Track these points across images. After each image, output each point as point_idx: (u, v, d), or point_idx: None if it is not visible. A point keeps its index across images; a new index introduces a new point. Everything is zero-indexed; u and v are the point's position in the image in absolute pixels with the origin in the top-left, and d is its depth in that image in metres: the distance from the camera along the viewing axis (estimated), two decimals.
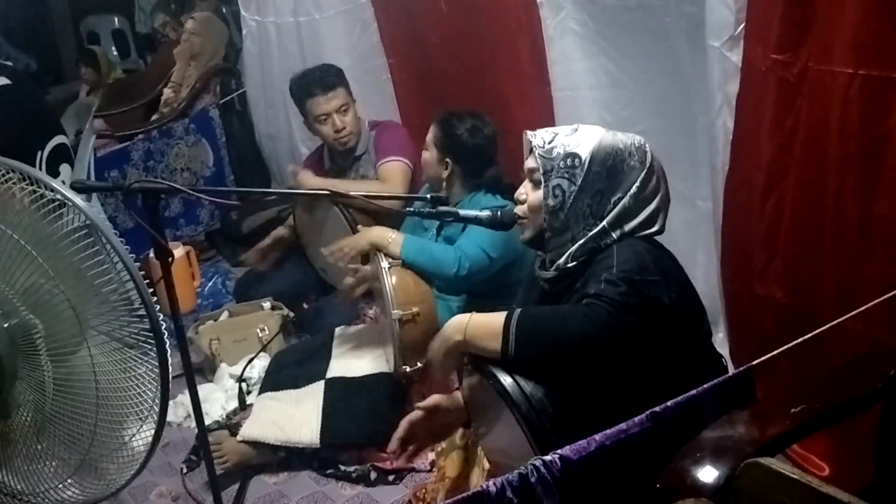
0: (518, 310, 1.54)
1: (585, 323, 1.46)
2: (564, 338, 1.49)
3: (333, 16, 3.57)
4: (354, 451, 2.55)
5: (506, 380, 1.51)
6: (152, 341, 1.34)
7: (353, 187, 2.95)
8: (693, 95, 2.28)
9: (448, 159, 2.64)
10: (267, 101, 4.27)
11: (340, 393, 2.57)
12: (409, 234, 2.61)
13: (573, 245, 1.66)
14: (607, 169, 1.64)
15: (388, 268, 2.47)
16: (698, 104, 2.25)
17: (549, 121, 2.65)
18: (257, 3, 3.98)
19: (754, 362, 1.37)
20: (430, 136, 2.69)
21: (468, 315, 1.60)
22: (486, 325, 1.56)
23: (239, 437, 2.54)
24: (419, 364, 2.35)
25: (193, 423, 2.72)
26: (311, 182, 3.07)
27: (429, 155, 2.69)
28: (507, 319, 1.52)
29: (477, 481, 1.80)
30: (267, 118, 4.33)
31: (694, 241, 2.38)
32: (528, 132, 1.73)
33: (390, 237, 2.53)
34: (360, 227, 2.74)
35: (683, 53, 2.25)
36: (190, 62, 4.69)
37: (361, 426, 2.49)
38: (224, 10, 5.32)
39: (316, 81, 3.10)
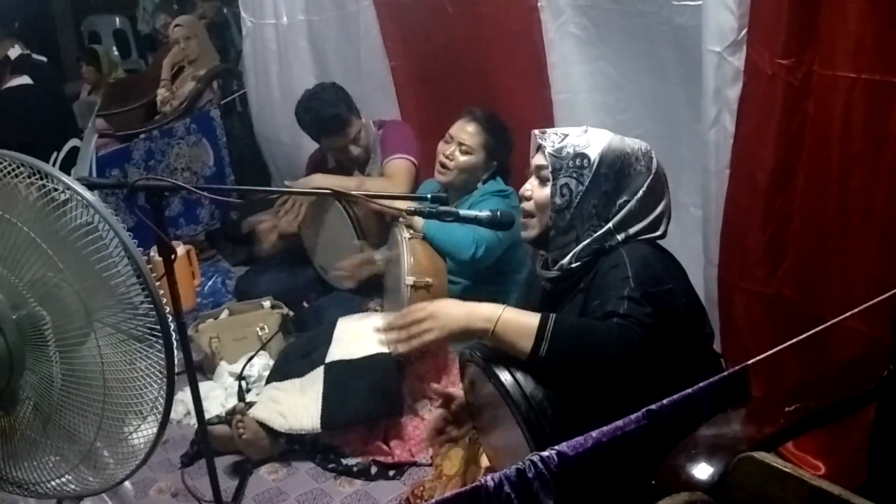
0: (553, 315, 1.51)
1: (618, 344, 1.45)
2: (595, 354, 1.47)
3: (335, 18, 3.58)
4: (356, 439, 2.57)
5: (507, 379, 1.52)
6: (158, 334, 1.35)
7: (358, 182, 3.03)
8: (690, 101, 2.30)
9: (494, 164, 2.78)
10: (261, 103, 4.29)
11: (340, 376, 2.60)
12: None
13: (577, 245, 1.68)
14: (615, 171, 1.67)
15: (409, 238, 2.54)
16: (694, 110, 2.27)
17: (548, 123, 2.67)
18: (254, 5, 4.00)
19: (749, 361, 1.39)
20: (474, 141, 2.75)
21: (501, 307, 1.56)
22: (519, 322, 1.52)
23: (250, 413, 2.57)
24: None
25: (193, 421, 2.76)
26: (318, 181, 3.09)
27: (475, 159, 2.76)
28: (543, 321, 1.49)
29: (474, 479, 1.82)
30: (263, 120, 4.36)
31: (685, 246, 2.39)
32: (537, 131, 1.76)
33: None
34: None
35: (681, 59, 2.27)
36: (187, 66, 4.71)
37: (361, 406, 2.53)
38: (225, 11, 5.36)
39: (328, 121, 3.11)
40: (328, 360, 2.66)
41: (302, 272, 3.47)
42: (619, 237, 1.67)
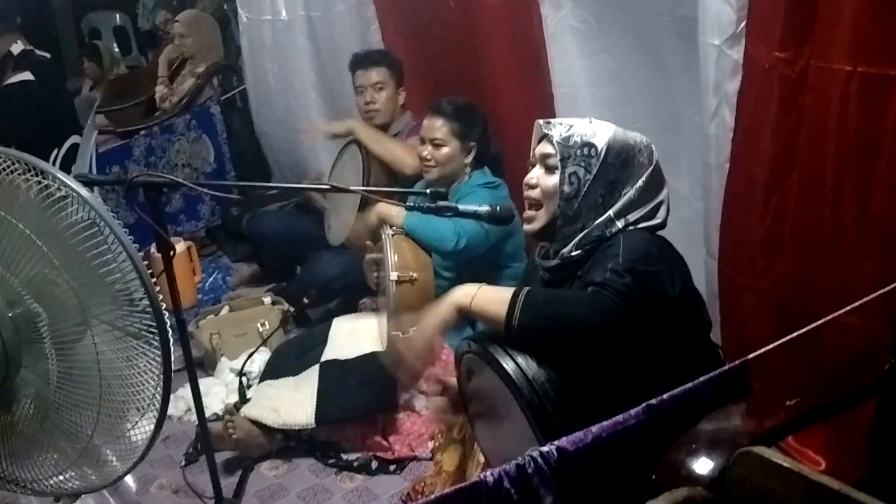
0: (527, 287, 1.59)
1: (589, 308, 1.50)
2: (567, 319, 1.52)
3: (335, 14, 3.58)
4: (354, 435, 2.57)
5: (508, 364, 1.53)
6: (155, 331, 1.35)
7: (382, 139, 3.08)
8: (691, 94, 2.29)
9: (472, 144, 2.76)
10: (260, 99, 4.29)
11: (334, 374, 2.61)
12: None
13: (580, 234, 1.69)
14: (620, 161, 1.69)
15: (392, 235, 2.56)
16: (696, 103, 2.26)
17: (549, 118, 2.66)
18: (250, 1, 4.00)
19: (750, 356, 1.39)
20: (443, 133, 2.74)
21: (478, 285, 1.65)
22: (494, 295, 1.62)
23: (242, 412, 2.57)
24: (412, 331, 2.38)
25: (194, 417, 2.76)
26: (352, 124, 3.17)
27: (450, 149, 2.75)
28: (517, 292, 1.57)
29: (474, 475, 1.82)
30: (262, 115, 4.36)
31: (687, 239, 2.38)
32: (541, 121, 1.77)
33: (394, 210, 2.64)
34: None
35: (682, 53, 2.26)
36: (187, 62, 4.71)
37: (355, 402, 2.53)
38: (225, 7, 5.35)
39: (365, 57, 3.23)
40: (323, 359, 2.67)
41: (302, 219, 3.56)
42: (620, 224, 1.68)
